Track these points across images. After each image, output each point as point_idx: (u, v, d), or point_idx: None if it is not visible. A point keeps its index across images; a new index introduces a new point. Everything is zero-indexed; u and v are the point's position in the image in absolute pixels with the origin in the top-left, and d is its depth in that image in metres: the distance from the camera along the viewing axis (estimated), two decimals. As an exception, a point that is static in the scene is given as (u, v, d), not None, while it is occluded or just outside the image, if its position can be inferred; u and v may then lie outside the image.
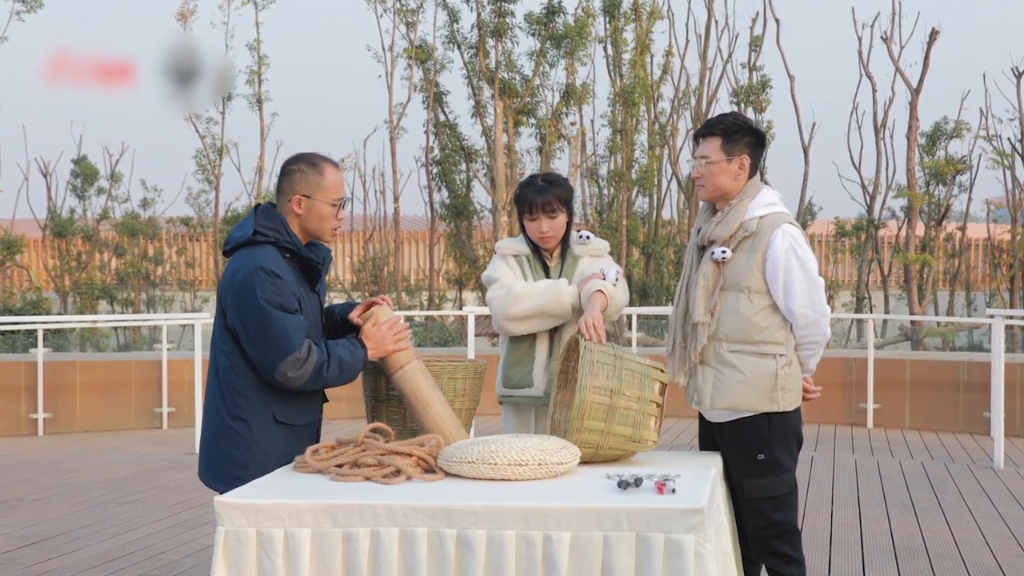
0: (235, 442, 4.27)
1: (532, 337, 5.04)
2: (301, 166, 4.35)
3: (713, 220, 4.69)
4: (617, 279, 4.91)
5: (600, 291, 4.77)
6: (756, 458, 4.62)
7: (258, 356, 4.19)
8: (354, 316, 4.49)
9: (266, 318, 4.14)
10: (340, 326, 4.58)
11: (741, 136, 4.66)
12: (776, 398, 4.59)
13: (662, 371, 4.32)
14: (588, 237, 5.09)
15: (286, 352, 4.13)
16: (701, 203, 4.88)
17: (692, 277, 4.76)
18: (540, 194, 4.97)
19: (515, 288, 4.97)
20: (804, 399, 4.78)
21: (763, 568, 4.86)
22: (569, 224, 5.07)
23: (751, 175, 4.70)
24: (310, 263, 4.37)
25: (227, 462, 4.29)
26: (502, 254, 5.15)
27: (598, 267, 5.02)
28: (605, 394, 4.15)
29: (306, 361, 4.15)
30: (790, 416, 4.67)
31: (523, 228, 5.08)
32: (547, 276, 5.07)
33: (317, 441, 4.52)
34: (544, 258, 5.10)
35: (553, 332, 5.04)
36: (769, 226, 4.59)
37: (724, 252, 4.60)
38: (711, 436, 4.82)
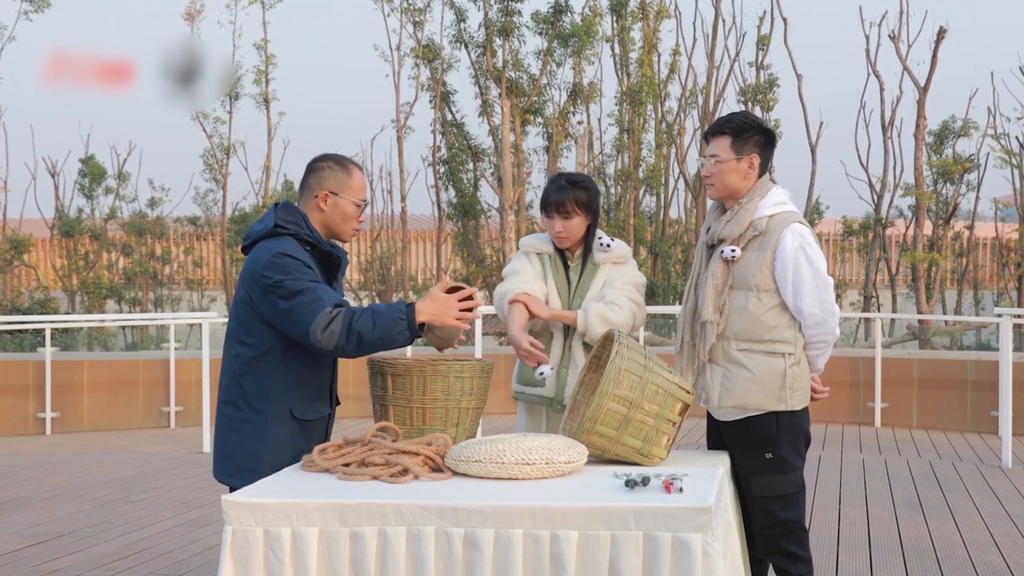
0: (250, 434, 4.28)
1: (548, 337, 5.07)
2: (331, 163, 4.40)
3: (723, 219, 4.69)
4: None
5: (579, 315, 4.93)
6: (764, 457, 4.62)
7: (292, 327, 4.15)
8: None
9: (293, 291, 4.12)
10: None
11: (751, 135, 4.66)
12: (784, 397, 4.59)
13: (688, 392, 4.30)
14: (608, 245, 5.09)
15: (316, 312, 4.08)
16: (710, 202, 4.88)
17: (701, 276, 4.76)
18: (558, 194, 5.01)
19: (515, 287, 5.03)
20: (812, 399, 4.77)
21: (771, 567, 4.86)
22: (591, 228, 5.08)
23: (761, 174, 4.70)
24: (330, 257, 4.39)
25: (240, 454, 4.30)
26: (525, 251, 5.20)
27: (615, 275, 5.05)
28: (624, 404, 4.13)
29: (335, 317, 4.08)
30: (798, 415, 4.67)
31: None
32: (567, 275, 5.10)
33: (326, 438, 4.53)
34: (566, 257, 5.12)
35: (567, 336, 5.06)
36: (778, 225, 4.59)
37: (734, 251, 4.60)
38: (719, 435, 4.82)
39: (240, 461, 4.30)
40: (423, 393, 4.39)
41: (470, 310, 4.24)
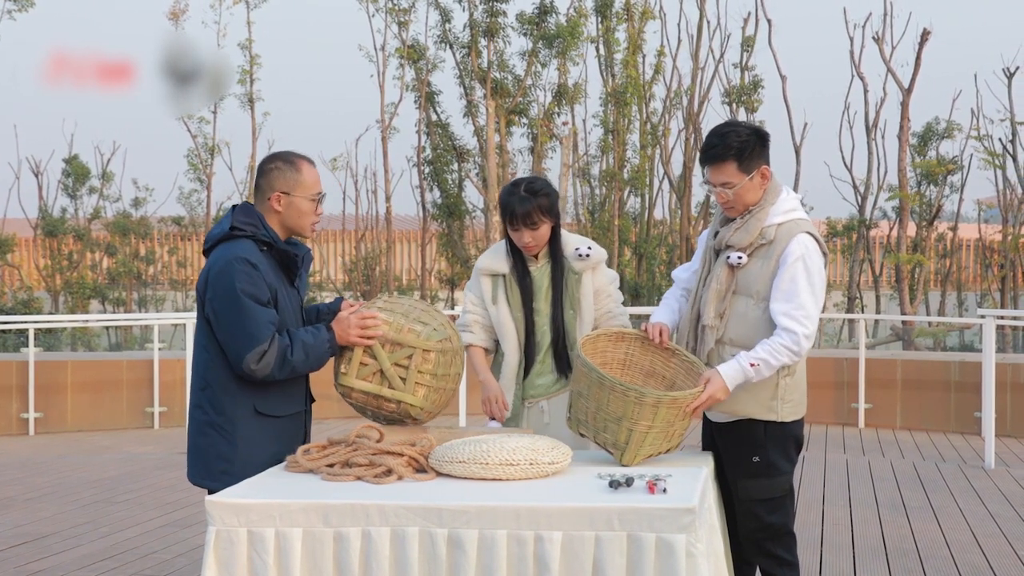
0: (219, 436, 4.31)
1: (502, 357, 5.10)
2: (278, 164, 4.43)
3: (732, 225, 4.62)
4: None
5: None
6: (751, 460, 4.59)
7: (228, 346, 4.24)
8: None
9: (240, 307, 4.19)
10: (324, 321, 4.64)
11: (752, 147, 4.54)
12: (775, 408, 4.54)
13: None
14: (587, 256, 5.01)
15: (254, 343, 4.18)
16: (716, 206, 4.81)
17: (706, 280, 4.71)
18: (522, 205, 4.89)
19: (465, 338, 5.08)
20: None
21: (757, 569, 4.84)
22: (556, 228, 5.03)
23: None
24: (288, 256, 4.41)
25: (212, 456, 4.32)
26: (478, 274, 5.13)
27: (602, 280, 5.05)
28: (663, 422, 4.24)
29: (268, 351, 4.19)
30: (789, 424, 4.62)
31: (507, 232, 5.05)
32: (523, 293, 5.04)
33: (304, 434, 4.54)
34: (527, 262, 5.06)
35: (526, 362, 5.06)
36: (786, 235, 4.51)
37: (740, 258, 4.54)
38: (712, 435, 4.80)
39: (212, 463, 4.32)
40: (412, 309, 4.54)
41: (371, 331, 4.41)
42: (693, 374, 4.49)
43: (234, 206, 4.43)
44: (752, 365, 4.39)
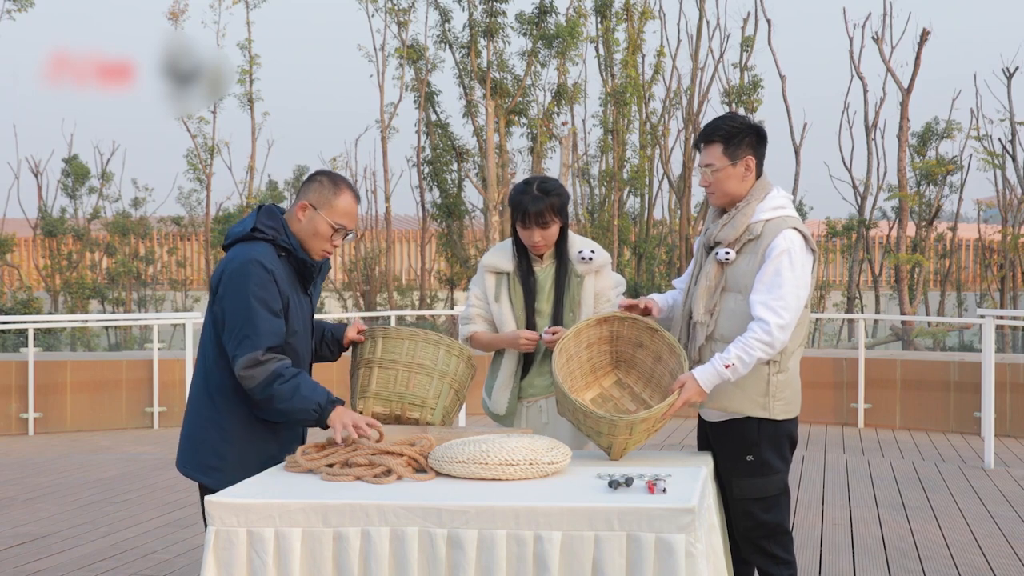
0: (215, 432, 4.30)
1: (501, 356, 5.10)
2: (324, 179, 4.38)
3: (720, 222, 4.65)
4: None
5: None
6: (745, 459, 4.59)
7: (228, 346, 4.21)
8: (351, 335, 4.65)
9: (248, 311, 4.17)
10: (326, 344, 4.68)
11: (742, 137, 4.58)
12: (767, 405, 4.53)
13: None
14: (590, 259, 5.02)
15: (251, 348, 4.14)
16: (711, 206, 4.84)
17: (697, 277, 4.72)
18: (534, 204, 4.88)
19: (470, 327, 5.11)
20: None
21: (756, 569, 4.85)
22: (564, 229, 5.04)
23: (758, 174, 4.66)
24: (305, 264, 4.38)
25: (204, 451, 4.32)
26: (483, 272, 5.12)
27: (604, 284, 5.05)
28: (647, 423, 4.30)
29: (262, 364, 4.13)
30: (782, 423, 4.62)
31: (514, 231, 5.06)
32: (526, 293, 5.04)
33: (302, 439, 4.53)
34: (532, 262, 5.06)
35: (526, 361, 5.06)
36: (773, 230, 4.52)
37: (728, 254, 4.56)
38: (707, 434, 4.81)
39: (204, 458, 4.32)
40: (412, 356, 4.46)
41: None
42: (675, 353, 4.52)
43: (260, 206, 4.40)
44: (727, 367, 4.40)
